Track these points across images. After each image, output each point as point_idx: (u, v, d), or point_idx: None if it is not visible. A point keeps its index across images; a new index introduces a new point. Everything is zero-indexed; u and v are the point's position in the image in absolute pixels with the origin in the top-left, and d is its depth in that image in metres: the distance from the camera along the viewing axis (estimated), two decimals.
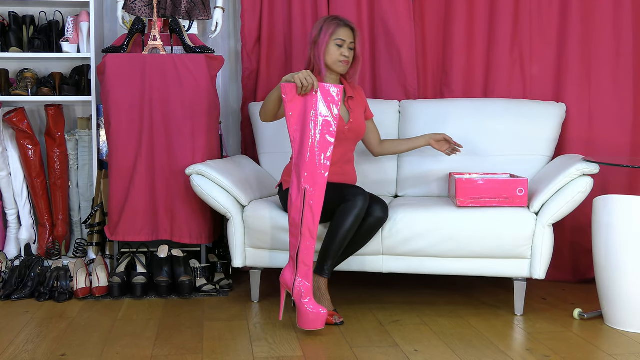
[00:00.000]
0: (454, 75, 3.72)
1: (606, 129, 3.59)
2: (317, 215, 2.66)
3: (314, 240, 2.67)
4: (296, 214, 2.69)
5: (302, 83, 2.66)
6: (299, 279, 2.69)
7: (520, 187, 2.92)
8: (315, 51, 3.03)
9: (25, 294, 3.22)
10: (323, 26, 3.03)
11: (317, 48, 3.02)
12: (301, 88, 2.67)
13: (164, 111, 3.35)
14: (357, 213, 2.77)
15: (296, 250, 2.69)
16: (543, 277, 2.92)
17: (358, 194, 2.78)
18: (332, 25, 3.02)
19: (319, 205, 2.66)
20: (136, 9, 3.49)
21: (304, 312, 2.66)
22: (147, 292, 3.29)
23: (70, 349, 2.54)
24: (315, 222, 2.66)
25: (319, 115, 2.68)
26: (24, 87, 3.69)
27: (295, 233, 2.70)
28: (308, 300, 2.67)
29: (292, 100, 2.71)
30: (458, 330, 2.77)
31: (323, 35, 3.00)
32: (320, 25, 3.05)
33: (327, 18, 3.08)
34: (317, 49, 3.02)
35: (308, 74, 2.67)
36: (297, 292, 2.68)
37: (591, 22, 3.60)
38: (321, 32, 3.01)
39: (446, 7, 3.74)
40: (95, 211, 3.63)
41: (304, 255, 2.68)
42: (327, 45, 3.02)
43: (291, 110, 2.72)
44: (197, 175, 3.10)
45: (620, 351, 2.54)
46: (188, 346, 2.57)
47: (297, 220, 2.69)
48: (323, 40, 3.00)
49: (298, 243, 2.68)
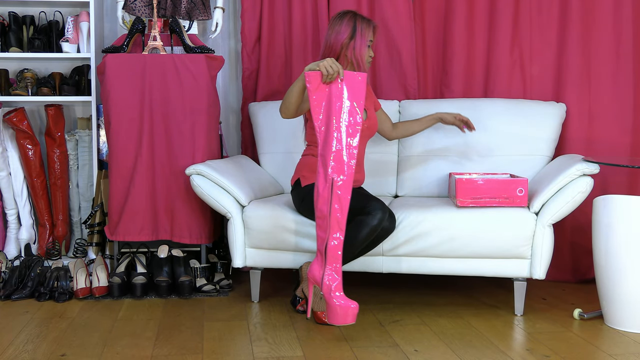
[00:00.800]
0: (454, 75, 3.72)
1: (606, 129, 3.59)
2: (345, 206, 2.59)
3: (342, 232, 2.61)
4: (324, 206, 2.62)
5: (328, 71, 2.61)
6: (328, 273, 2.63)
7: (520, 187, 2.92)
8: (353, 53, 2.98)
9: (25, 294, 3.22)
10: (357, 26, 2.98)
11: (353, 50, 2.98)
12: (326, 76, 2.62)
13: (164, 111, 3.35)
14: (373, 227, 2.76)
15: (324, 243, 2.63)
16: (543, 277, 2.92)
17: (378, 209, 2.77)
18: (368, 28, 2.99)
19: (346, 195, 2.59)
20: (136, 9, 3.49)
21: (333, 307, 2.59)
22: (147, 292, 3.29)
23: (70, 349, 2.54)
24: (344, 213, 2.59)
25: (344, 103, 2.62)
26: (24, 87, 3.69)
27: (324, 225, 2.63)
28: (338, 294, 2.60)
29: (317, 89, 2.65)
30: (458, 330, 2.77)
31: (360, 37, 2.97)
32: (352, 23, 2.99)
33: (356, 16, 3.01)
34: (355, 52, 2.97)
35: (333, 62, 2.62)
36: (326, 287, 2.62)
37: (591, 22, 3.60)
38: (356, 34, 2.98)
39: (446, 7, 3.74)
40: (95, 211, 3.63)
41: (333, 248, 2.62)
42: (365, 48, 2.99)
43: (316, 99, 2.65)
44: (197, 175, 3.11)
45: (620, 351, 2.54)
46: (188, 346, 2.57)
47: (324, 211, 2.62)
48: (361, 43, 2.97)
49: (327, 236, 2.62)
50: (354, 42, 2.98)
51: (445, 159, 3.46)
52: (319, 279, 2.66)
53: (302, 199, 2.97)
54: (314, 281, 2.70)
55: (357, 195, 2.85)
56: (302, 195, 2.98)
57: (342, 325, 2.68)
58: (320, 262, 2.67)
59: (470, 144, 3.45)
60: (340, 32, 3.00)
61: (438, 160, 3.47)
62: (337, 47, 3.00)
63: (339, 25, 3.01)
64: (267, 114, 3.65)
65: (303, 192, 2.98)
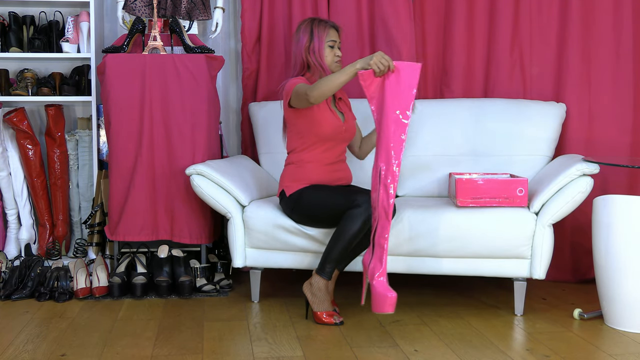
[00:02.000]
0: (454, 75, 3.72)
1: (606, 129, 3.59)
2: (392, 196, 2.61)
3: (389, 222, 2.62)
4: (374, 193, 2.67)
5: (379, 67, 2.65)
6: (374, 260, 2.66)
7: (520, 187, 2.92)
8: (314, 56, 2.98)
9: (25, 294, 3.22)
10: (314, 30, 2.98)
11: (314, 53, 2.98)
12: (379, 72, 2.66)
13: (164, 111, 3.35)
14: (365, 219, 2.77)
15: (373, 231, 2.67)
16: (543, 277, 2.92)
17: (367, 200, 2.78)
18: (324, 29, 2.99)
19: (394, 184, 2.61)
20: (136, 9, 3.49)
21: (372, 294, 2.61)
22: (147, 292, 3.29)
23: (70, 349, 2.55)
24: (391, 203, 2.61)
25: (395, 94, 2.64)
26: (24, 87, 3.69)
27: (374, 215, 2.68)
28: (378, 281, 2.61)
29: (371, 84, 2.70)
30: (458, 330, 2.77)
31: (317, 39, 2.98)
32: (308, 29, 3.00)
33: (312, 20, 3.03)
34: (316, 54, 2.98)
35: (382, 56, 2.64)
36: (370, 274, 2.65)
37: (591, 22, 3.60)
38: (314, 36, 2.98)
39: (446, 7, 3.74)
40: (95, 211, 3.63)
41: (379, 236, 2.64)
42: (323, 49, 2.99)
43: (371, 94, 2.70)
44: (197, 175, 3.11)
45: (620, 351, 2.54)
46: (188, 346, 2.58)
47: (374, 200, 2.67)
48: (319, 44, 2.98)
49: (375, 224, 2.66)
50: (312, 45, 2.98)
51: (445, 159, 3.46)
52: (367, 266, 2.70)
53: (292, 208, 2.98)
54: (365, 268, 2.74)
55: (342, 192, 2.87)
56: (290, 204, 2.98)
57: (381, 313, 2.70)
58: (370, 250, 2.71)
59: (470, 144, 3.45)
60: (299, 39, 3.02)
61: (438, 160, 3.47)
62: (299, 55, 3.01)
63: (297, 33, 3.03)
64: (267, 114, 3.65)
65: (290, 202, 2.98)
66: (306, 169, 3.00)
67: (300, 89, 2.85)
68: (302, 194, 2.95)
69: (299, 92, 2.86)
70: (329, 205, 2.88)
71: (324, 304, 2.84)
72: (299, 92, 2.86)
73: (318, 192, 2.93)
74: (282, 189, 3.03)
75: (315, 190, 2.94)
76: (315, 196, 2.92)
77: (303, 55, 3.01)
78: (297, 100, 2.89)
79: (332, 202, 2.86)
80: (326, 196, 2.90)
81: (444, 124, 3.50)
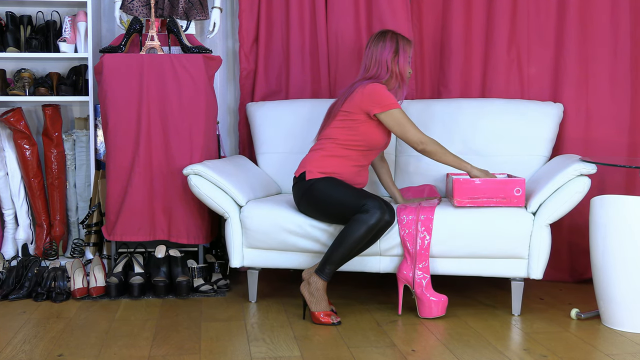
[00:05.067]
0: (451, 75, 3.72)
1: (603, 129, 3.60)
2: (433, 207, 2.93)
3: (429, 232, 2.89)
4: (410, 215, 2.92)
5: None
6: (419, 271, 2.90)
7: (517, 187, 2.92)
8: (397, 67, 3.09)
9: (22, 294, 3.22)
10: (399, 43, 3.10)
11: (397, 65, 3.09)
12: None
13: (161, 111, 3.35)
14: (371, 226, 2.79)
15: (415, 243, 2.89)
16: (540, 277, 2.92)
17: (376, 207, 2.79)
18: (408, 45, 3.13)
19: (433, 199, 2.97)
20: (134, 9, 3.49)
21: (426, 302, 2.89)
22: (144, 293, 3.29)
23: (67, 350, 2.54)
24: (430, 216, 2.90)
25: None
26: (21, 87, 3.68)
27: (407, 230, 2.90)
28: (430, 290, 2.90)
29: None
30: (455, 331, 2.77)
31: (402, 53, 3.10)
32: (394, 40, 3.10)
33: (396, 34, 3.13)
34: (399, 66, 3.09)
35: (486, 176, 2.98)
36: (418, 284, 2.89)
37: (588, 23, 3.60)
38: (399, 50, 3.09)
39: (444, 8, 3.74)
40: (92, 211, 3.63)
41: (422, 246, 2.89)
42: (406, 64, 3.12)
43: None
44: (194, 176, 3.10)
45: (617, 351, 2.55)
46: (185, 346, 2.57)
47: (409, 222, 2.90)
48: (404, 58, 3.10)
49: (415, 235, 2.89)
50: (398, 57, 3.09)
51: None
52: (410, 279, 2.91)
53: (302, 194, 2.98)
54: (404, 281, 2.93)
55: (356, 193, 2.88)
56: (303, 189, 2.99)
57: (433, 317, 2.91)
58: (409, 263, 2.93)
59: (467, 144, 3.45)
60: (385, 47, 3.10)
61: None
62: (383, 61, 3.09)
63: (382, 41, 3.11)
64: (265, 114, 3.65)
65: (305, 187, 2.98)
66: (335, 162, 3.01)
67: (410, 127, 2.98)
68: (319, 182, 2.96)
69: (403, 125, 2.98)
70: (339, 201, 2.89)
71: (321, 304, 2.84)
72: (403, 125, 2.98)
73: (334, 185, 2.94)
74: (304, 171, 3.03)
75: (332, 183, 2.95)
76: (330, 188, 2.93)
77: (389, 63, 3.09)
78: (395, 124, 2.98)
79: (343, 200, 2.88)
80: (340, 192, 2.92)
81: (442, 124, 3.50)
